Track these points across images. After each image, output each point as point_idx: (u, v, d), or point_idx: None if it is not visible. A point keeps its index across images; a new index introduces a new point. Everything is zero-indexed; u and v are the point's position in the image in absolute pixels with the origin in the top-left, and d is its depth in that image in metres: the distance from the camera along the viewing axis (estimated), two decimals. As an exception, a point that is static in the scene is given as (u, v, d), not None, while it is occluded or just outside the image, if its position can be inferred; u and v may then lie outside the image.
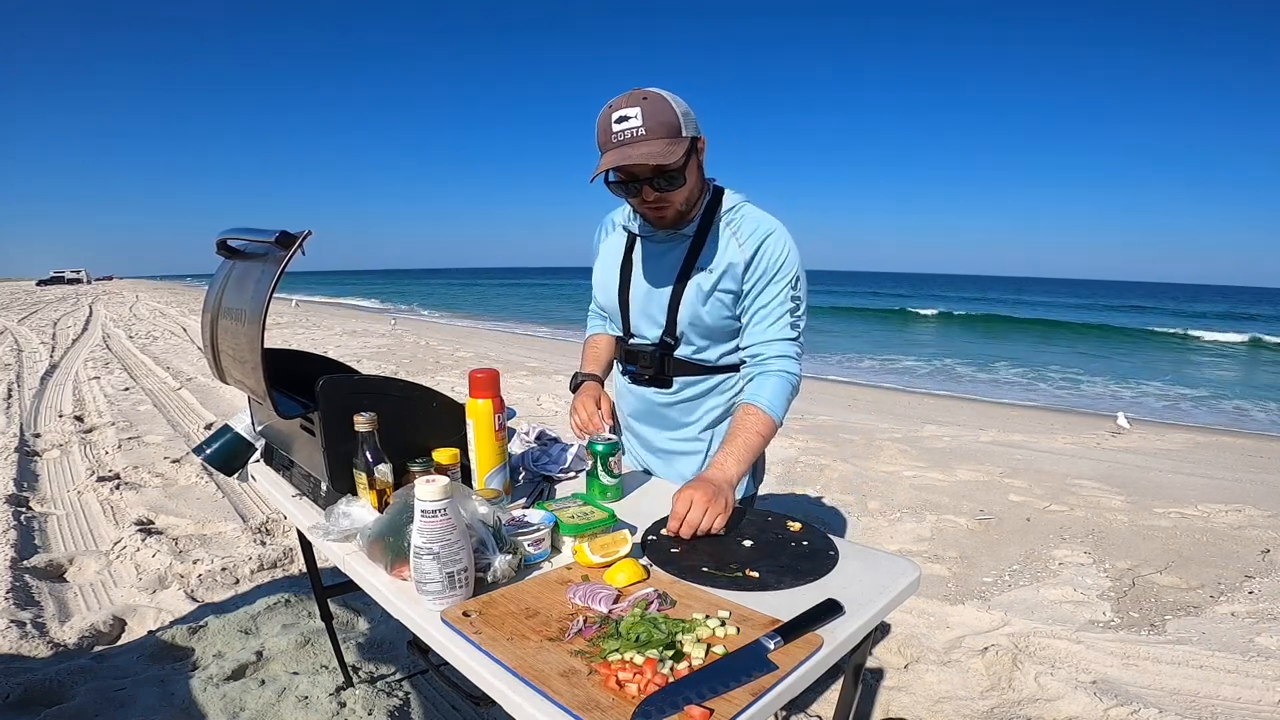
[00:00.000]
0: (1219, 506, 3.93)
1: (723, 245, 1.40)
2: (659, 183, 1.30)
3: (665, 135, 1.25)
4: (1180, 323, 24.52)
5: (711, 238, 1.41)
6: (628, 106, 1.24)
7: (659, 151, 1.23)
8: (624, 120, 1.24)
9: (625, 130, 1.24)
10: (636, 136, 1.24)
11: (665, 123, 1.25)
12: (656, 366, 1.50)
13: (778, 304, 1.39)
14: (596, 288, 1.60)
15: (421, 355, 10.28)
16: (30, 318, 17.07)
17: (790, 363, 1.41)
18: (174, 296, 29.67)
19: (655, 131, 1.24)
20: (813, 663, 0.82)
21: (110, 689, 1.95)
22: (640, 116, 1.23)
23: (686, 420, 1.54)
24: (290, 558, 2.88)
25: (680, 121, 1.27)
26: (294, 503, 1.37)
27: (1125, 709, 2.00)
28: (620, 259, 1.53)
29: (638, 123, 1.23)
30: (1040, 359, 13.66)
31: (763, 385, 1.39)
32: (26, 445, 4.59)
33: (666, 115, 1.25)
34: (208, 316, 1.46)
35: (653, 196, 1.32)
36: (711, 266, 1.39)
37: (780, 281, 1.39)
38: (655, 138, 1.24)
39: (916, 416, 6.63)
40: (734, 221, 1.41)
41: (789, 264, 1.39)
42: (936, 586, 2.84)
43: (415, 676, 2.05)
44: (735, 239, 1.39)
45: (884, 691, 2.12)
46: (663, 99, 1.26)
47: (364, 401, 1.21)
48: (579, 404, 1.52)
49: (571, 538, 1.12)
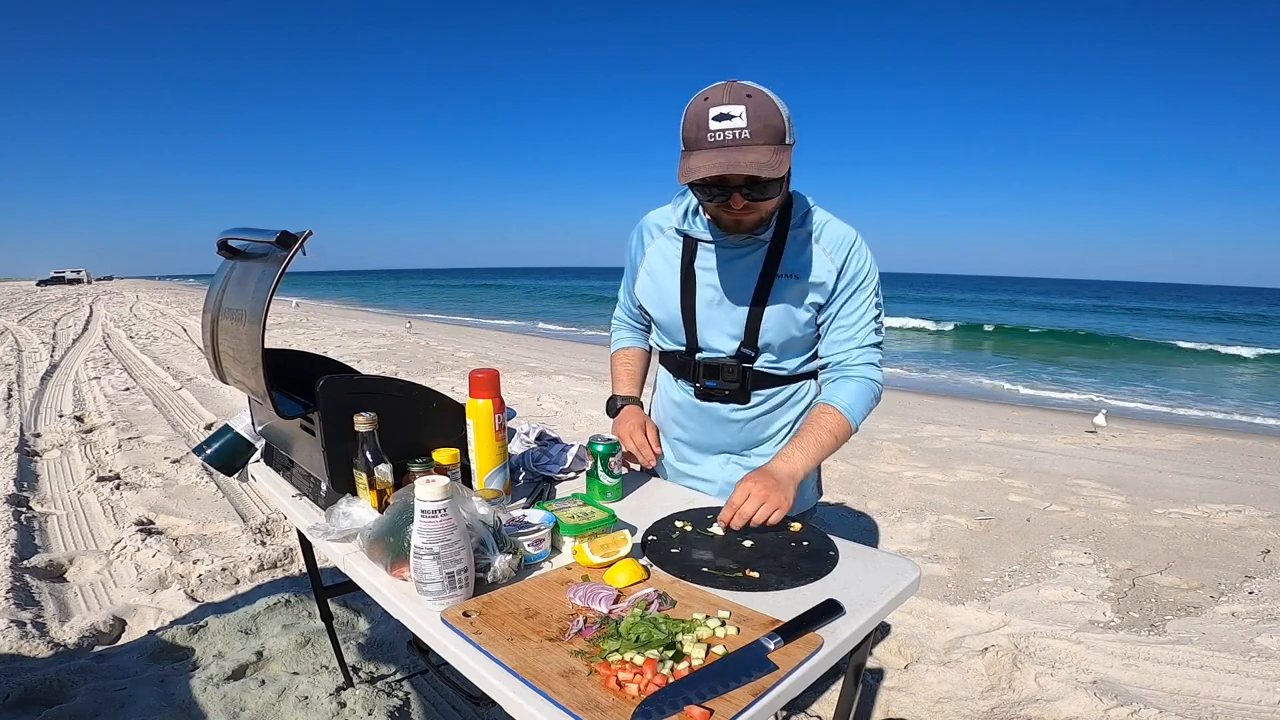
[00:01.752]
0: (1219, 507, 3.93)
1: (808, 253, 1.33)
2: (753, 192, 1.18)
3: (772, 141, 1.13)
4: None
5: (793, 243, 1.33)
6: (730, 104, 1.11)
7: (767, 162, 1.12)
8: (725, 119, 1.11)
9: (727, 131, 1.12)
10: (740, 140, 1.12)
11: (772, 127, 1.13)
12: (739, 381, 1.41)
13: (863, 312, 1.35)
14: (646, 299, 1.47)
15: (421, 355, 10.28)
16: (30, 318, 17.07)
17: (874, 370, 1.37)
18: (174, 296, 29.68)
19: (760, 136, 1.12)
20: (813, 663, 0.83)
21: (110, 689, 1.95)
22: (745, 117, 1.11)
23: (763, 436, 1.47)
24: (290, 558, 2.88)
25: (786, 126, 1.15)
26: (294, 503, 1.37)
27: (1125, 709, 2.00)
28: (680, 267, 1.40)
29: (741, 124, 1.11)
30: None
31: (843, 387, 1.34)
32: (27, 445, 4.59)
33: (773, 119, 1.13)
34: (208, 317, 1.46)
35: (741, 205, 1.20)
36: (799, 274, 1.32)
37: (866, 290, 1.35)
38: (761, 143, 1.12)
39: (916, 417, 6.63)
40: (816, 228, 1.34)
41: (873, 273, 1.36)
42: (937, 587, 2.84)
43: (415, 676, 2.05)
44: (821, 248, 1.33)
45: (884, 691, 2.12)
46: (769, 100, 1.13)
47: (364, 401, 1.21)
48: (625, 433, 1.44)
49: (572, 538, 1.12)
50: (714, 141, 1.13)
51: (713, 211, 1.29)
